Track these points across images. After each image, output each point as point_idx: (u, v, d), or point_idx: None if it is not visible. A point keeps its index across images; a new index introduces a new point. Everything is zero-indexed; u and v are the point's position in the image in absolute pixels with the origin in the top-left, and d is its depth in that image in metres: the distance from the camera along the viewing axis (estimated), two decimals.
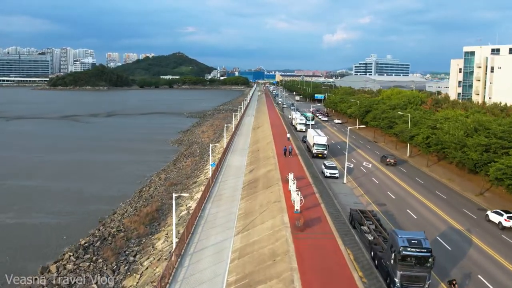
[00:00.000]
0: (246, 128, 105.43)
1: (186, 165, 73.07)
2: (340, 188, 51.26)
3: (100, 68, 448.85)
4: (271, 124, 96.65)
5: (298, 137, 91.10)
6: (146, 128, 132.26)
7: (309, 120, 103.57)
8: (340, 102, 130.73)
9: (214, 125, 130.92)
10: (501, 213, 39.24)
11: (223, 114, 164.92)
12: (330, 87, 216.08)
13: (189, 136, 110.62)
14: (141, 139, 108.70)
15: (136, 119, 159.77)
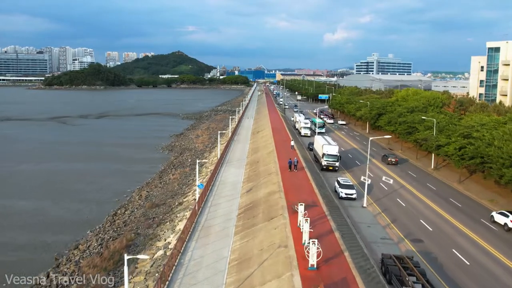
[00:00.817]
0: (244, 132, 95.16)
1: (173, 178, 62.77)
2: (361, 215, 41.01)
3: (96, 67, 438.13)
4: (272, 129, 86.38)
5: (303, 144, 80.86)
6: (137, 131, 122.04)
7: (319, 127, 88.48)
8: (347, 103, 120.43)
9: (210, 128, 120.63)
10: (507, 214, 38.18)
11: (220, 116, 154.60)
12: (334, 87, 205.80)
13: (181, 141, 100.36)
14: (129, 144, 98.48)
15: (128, 121, 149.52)
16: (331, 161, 57.70)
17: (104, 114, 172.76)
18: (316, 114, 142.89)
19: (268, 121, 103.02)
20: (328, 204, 37.97)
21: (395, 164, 64.90)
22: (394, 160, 65.46)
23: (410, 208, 43.86)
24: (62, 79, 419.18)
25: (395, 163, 65.12)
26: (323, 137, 65.82)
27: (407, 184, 53.47)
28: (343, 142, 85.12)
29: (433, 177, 58.34)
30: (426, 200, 46.70)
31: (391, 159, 65.59)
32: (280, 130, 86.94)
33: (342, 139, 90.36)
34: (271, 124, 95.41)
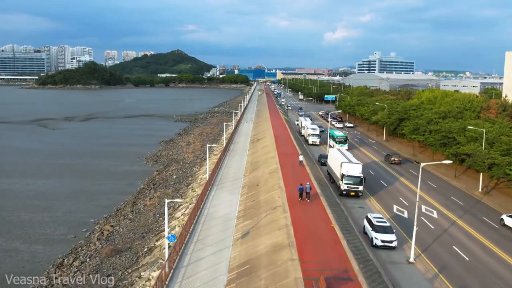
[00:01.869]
0: (243, 140, 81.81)
1: (150, 204, 49.43)
2: (409, 279, 27.55)
3: (91, 66, 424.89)
4: (275, 136, 73.08)
5: (311, 155, 67.53)
6: (123, 136, 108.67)
7: (339, 142, 69.89)
8: (358, 105, 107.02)
9: (204, 133, 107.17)
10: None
11: (217, 118, 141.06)
12: (340, 86, 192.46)
13: (170, 150, 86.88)
14: (109, 154, 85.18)
15: (116, 124, 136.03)
16: (352, 184, 44.28)
17: (92, 116, 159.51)
18: (323, 117, 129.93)
19: (270, 126, 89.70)
20: (361, 263, 24.70)
21: (398, 163, 62.43)
22: (398, 160, 62.85)
23: (480, 266, 30.30)
24: (56, 78, 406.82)
25: (398, 162, 62.63)
26: (341, 151, 52.22)
27: (457, 219, 40.01)
28: (359, 153, 71.74)
29: (487, 205, 44.84)
30: (495, 249, 33.30)
31: (394, 159, 62.92)
32: (284, 138, 73.59)
33: (357, 148, 76.90)
34: (273, 130, 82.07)
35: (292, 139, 72.41)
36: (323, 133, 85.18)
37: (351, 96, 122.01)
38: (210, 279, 25.65)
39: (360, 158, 64.48)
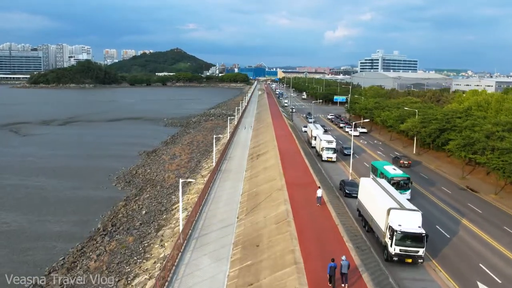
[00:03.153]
0: (239, 155, 65.24)
1: (95, 268, 32.77)
2: None
3: (85, 64, 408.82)
4: (280, 151, 56.58)
5: (326, 175, 51.02)
6: (100, 145, 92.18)
7: (402, 187, 42.37)
8: (377, 109, 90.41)
9: (194, 142, 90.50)
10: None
11: (211, 123, 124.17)
12: (350, 86, 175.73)
13: (150, 165, 70.24)
14: (74, 170, 68.92)
15: (96, 129, 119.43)
16: (409, 246, 27.69)
17: (73, 119, 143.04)
18: (333, 122, 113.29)
19: (273, 134, 73.18)
20: None
21: (408, 167, 58.44)
22: (407, 163, 59.33)
23: None
24: (48, 77, 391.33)
25: (408, 166, 58.96)
26: (381, 184, 35.25)
27: None
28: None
29: None
30: None
31: (403, 162, 59.47)
32: (292, 154, 56.98)
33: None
34: (277, 141, 65.51)
35: (303, 155, 55.75)
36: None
37: (366, 97, 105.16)
38: None
39: None
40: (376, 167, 48.20)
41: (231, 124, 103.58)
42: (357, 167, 56.55)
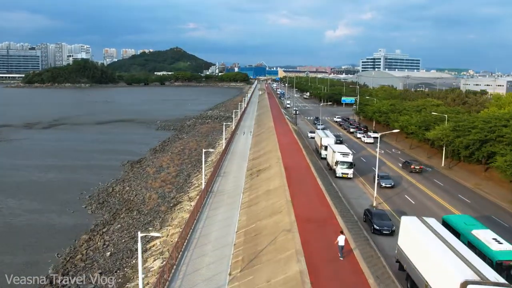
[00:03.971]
0: (235, 168, 54.59)
1: None
2: None
3: (81, 63, 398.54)
4: (286, 167, 45.98)
5: (344, 198, 40.34)
6: (80, 153, 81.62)
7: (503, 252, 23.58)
8: (393, 112, 79.80)
9: (185, 150, 79.75)
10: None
11: (207, 126, 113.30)
12: (353, 85, 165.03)
13: (131, 180, 59.57)
14: (42, 185, 58.65)
15: (81, 134, 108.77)
16: None
17: (59, 122, 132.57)
18: (341, 125, 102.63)
19: (276, 143, 62.68)
20: None
21: (419, 172, 54.67)
22: (418, 168, 55.40)
23: None
24: (43, 77, 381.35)
25: (419, 171, 55.02)
26: (442, 237, 24.28)
27: None
28: (422, 197, 44.56)
29: None
30: None
31: (414, 167, 55.43)
32: (301, 172, 46.33)
33: (414, 186, 49.60)
34: (282, 152, 55.00)
35: (314, 173, 45.08)
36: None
37: (379, 99, 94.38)
38: None
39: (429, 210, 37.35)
40: (455, 228, 27.49)
41: (228, 128, 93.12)
42: (381, 189, 45.84)
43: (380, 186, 45.16)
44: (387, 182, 47.56)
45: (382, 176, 48.40)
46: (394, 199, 43.46)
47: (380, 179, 46.58)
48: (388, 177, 49.09)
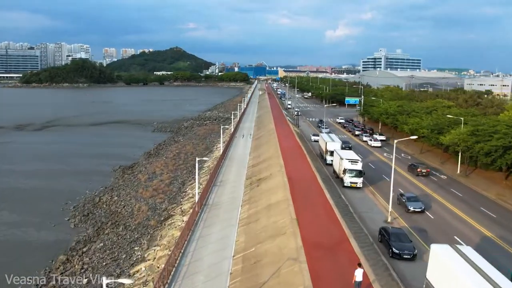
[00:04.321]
0: (233, 177, 49.96)
1: None
2: None
3: (79, 63, 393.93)
4: (289, 177, 41.44)
5: (356, 213, 35.70)
6: (70, 157, 77.10)
7: None
8: (401, 114, 75.26)
9: (181, 154, 75.14)
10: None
11: (205, 128, 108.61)
12: (356, 85, 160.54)
13: (118, 191, 54.70)
14: (24, 195, 54.07)
15: (73, 136, 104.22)
16: None
17: (51, 123, 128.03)
18: (345, 127, 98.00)
19: (277, 147, 58.16)
20: None
21: (426, 175, 51.88)
22: (425, 171, 52.55)
23: None
24: (41, 76, 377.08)
25: (426, 174, 52.30)
26: (484, 274, 19.77)
27: None
28: (441, 210, 39.98)
29: None
30: None
31: (421, 170, 52.58)
32: (306, 182, 41.76)
33: (430, 196, 45.05)
34: (284, 158, 50.46)
35: (321, 185, 40.48)
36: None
37: (385, 100, 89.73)
38: None
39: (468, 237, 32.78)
40: None
41: (227, 130, 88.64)
42: (399, 206, 41.14)
43: (407, 210, 38.52)
44: (416, 205, 38.90)
45: (409, 198, 39.98)
46: (410, 213, 38.85)
47: (407, 201, 39.31)
48: (417, 199, 40.24)
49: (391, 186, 37.91)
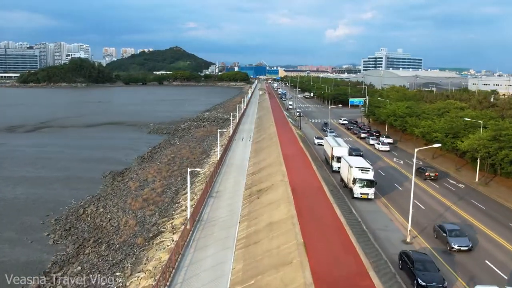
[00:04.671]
0: (231, 186, 45.28)
1: None
2: None
3: (78, 62, 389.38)
4: (293, 189, 36.86)
5: (364, 226, 31.11)
6: (57, 163, 72.51)
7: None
8: (410, 116, 70.71)
9: (176, 159, 70.49)
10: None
11: (202, 130, 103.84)
12: (359, 85, 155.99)
13: (105, 201, 50.02)
14: (4, 206, 49.44)
15: (65, 139, 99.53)
16: None
17: (45, 124, 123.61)
18: (349, 129, 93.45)
19: (279, 152, 53.70)
20: None
21: (434, 179, 48.56)
22: (434, 175, 49.41)
23: None
24: (39, 76, 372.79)
25: (435, 178, 49.10)
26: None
27: None
28: (465, 226, 35.39)
29: None
30: None
31: (429, 174, 49.55)
32: (312, 193, 37.13)
33: (450, 210, 40.47)
34: (287, 165, 45.92)
35: (329, 198, 35.89)
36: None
37: (392, 101, 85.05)
38: None
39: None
40: None
41: (226, 132, 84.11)
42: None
43: (450, 248, 30.02)
44: (462, 242, 30.12)
45: (451, 231, 31.04)
46: (430, 230, 34.32)
47: (448, 235, 30.59)
48: (461, 233, 31.17)
49: (411, 201, 33.32)
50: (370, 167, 43.22)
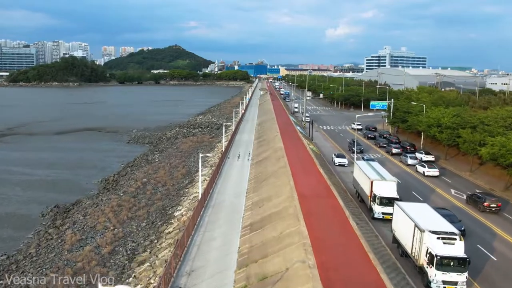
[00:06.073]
0: (212, 265, 26.91)
1: None
2: None
3: (69, 61, 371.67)
4: (324, 279, 18.24)
5: None
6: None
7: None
8: (463, 128, 52.33)
9: (147, 186, 51.58)
10: None
11: (191, 140, 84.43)
12: (374, 84, 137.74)
13: (6, 280, 32.11)
14: None
15: (19, 151, 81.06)
16: None
17: (11, 130, 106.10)
18: (367, 137, 75.10)
19: (292, 189, 35.34)
20: None
21: (496, 212, 37.31)
22: (496, 206, 37.38)
23: None
24: (29, 75, 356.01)
25: (497, 210, 37.42)
26: None
27: None
28: None
29: None
30: None
31: (489, 204, 37.28)
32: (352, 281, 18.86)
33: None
34: (306, 219, 27.58)
35: None
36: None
37: (428, 106, 66.34)
38: None
39: None
40: None
41: (215, 150, 65.76)
42: None
43: None
44: None
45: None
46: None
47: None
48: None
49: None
50: (457, 233, 24.49)
